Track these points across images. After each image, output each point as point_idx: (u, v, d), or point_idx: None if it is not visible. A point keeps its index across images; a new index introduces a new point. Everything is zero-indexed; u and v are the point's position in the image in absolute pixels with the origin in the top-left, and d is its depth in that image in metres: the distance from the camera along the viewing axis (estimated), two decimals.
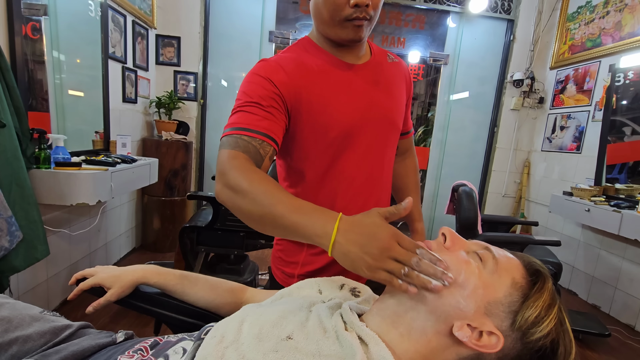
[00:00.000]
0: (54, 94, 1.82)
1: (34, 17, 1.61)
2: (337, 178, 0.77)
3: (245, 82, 0.70)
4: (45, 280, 1.76)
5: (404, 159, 1.02)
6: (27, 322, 0.59)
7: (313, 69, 0.74)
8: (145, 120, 2.85)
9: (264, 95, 0.67)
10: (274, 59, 0.73)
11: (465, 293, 0.47)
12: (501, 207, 3.49)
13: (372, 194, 0.82)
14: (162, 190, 2.72)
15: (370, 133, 0.78)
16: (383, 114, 0.79)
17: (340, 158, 0.76)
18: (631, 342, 2.06)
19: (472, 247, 0.53)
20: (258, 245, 2.00)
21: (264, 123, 0.65)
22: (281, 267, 0.85)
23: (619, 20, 2.53)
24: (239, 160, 0.60)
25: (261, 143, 0.64)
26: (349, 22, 0.69)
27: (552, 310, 0.46)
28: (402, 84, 0.86)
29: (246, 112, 0.66)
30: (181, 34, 2.93)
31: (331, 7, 0.68)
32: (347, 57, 0.78)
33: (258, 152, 0.63)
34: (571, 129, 2.90)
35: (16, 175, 1.35)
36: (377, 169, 0.82)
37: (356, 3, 0.65)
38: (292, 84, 0.70)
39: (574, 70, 2.93)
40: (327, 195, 0.78)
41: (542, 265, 0.51)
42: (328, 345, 0.46)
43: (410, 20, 3.29)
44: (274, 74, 0.69)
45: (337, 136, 0.74)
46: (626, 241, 2.29)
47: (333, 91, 0.74)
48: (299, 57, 0.75)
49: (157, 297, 0.73)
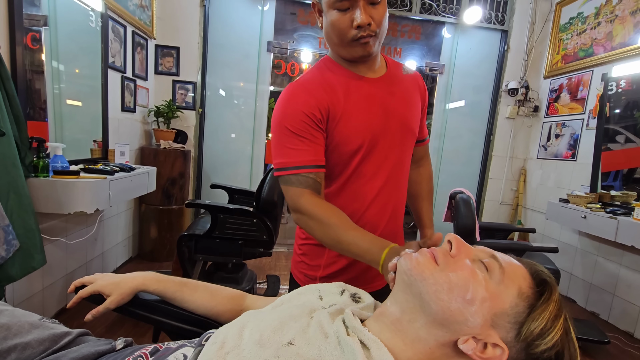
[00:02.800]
0: (52, 104, 1.83)
1: (34, 27, 1.62)
2: (359, 182, 0.84)
3: (285, 116, 0.77)
4: (41, 289, 1.74)
5: (418, 167, 1.05)
6: (26, 330, 0.58)
7: (335, 85, 0.80)
8: (143, 129, 2.86)
9: (304, 128, 0.76)
10: (301, 85, 0.80)
11: (473, 309, 0.46)
12: (498, 215, 3.50)
13: (391, 197, 0.87)
14: (159, 198, 2.71)
15: (389, 140, 0.83)
16: (400, 122, 0.84)
17: (362, 165, 0.82)
18: (631, 350, 2.06)
19: (478, 254, 0.52)
20: (256, 254, 1.99)
21: (311, 156, 0.76)
22: (304, 271, 0.91)
23: (610, 31, 2.59)
24: (305, 197, 0.75)
25: (316, 174, 0.76)
26: (356, 42, 0.75)
27: (558, 321, 0.46)
28: (417, 93, 0.91)
29: (292, 149, 0.76)
30: (180, 44, 2.96)
31: (338, 32, 0.75)
32: (364, 72, 0.83)
33: (316, 182, 0.76)
34: (566, 137, 2.94)
35: (14, 183, 1.34)
36: (394, 173, 0.87)
37: (358, 25, 0.71)
38: (320, 104, 0.77)
39: (567, 80, 2.98)
40: (348, 197, 0.84)
41: (549, 274, 0.51)
42: (329, 350, 0.46)
43: (406, 31, 3.34)
44: (304, 102, 0.76)
45: (358, 146, 0.80)
46: (623, 248, 2.30)
47: (354, 104, 0.80)
48: (322, 76, 0.82)
49: (157, 305, 0.72)
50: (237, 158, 3.30)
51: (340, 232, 0.70)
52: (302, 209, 0.75)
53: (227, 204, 2.02)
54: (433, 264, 0.50)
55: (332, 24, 0.75)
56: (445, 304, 0.46)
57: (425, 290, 0.48)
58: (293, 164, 0.75)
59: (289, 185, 0.77)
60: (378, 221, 0.86)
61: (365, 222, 0.84)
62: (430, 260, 0.51)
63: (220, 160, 3.29)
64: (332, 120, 0.78)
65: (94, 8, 2.06)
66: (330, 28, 0.76)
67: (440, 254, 0.52)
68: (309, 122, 0.75)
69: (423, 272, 0.49)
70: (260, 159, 3.33)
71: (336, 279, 0.79)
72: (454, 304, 0.46)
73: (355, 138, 0.79)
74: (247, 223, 1.89)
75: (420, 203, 1.03)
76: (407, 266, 0.51)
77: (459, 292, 0.46)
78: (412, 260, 0.51)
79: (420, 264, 0.50)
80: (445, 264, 0.50)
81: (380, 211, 0.86)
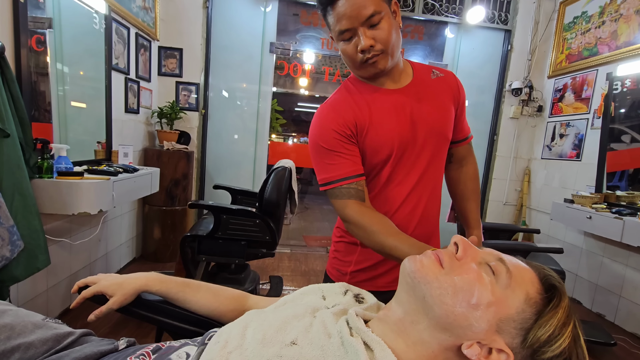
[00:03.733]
0: (57, 105, 1.84)
1: (38, 30, 1.64)
2: (388, 187, 0.88)
3: (319, 136, 0.84)
4: (45, 290, 1.75)
5: (461, 166, 1.04)
6: (30, 330, 0.59)
7: (360, 102, 0.85)
8: (147, 130, 2.87)
9: (339, 144, 0.82)
10: (329, 105, 0.87)
11: (478, 314, 0.45)
12: (502, 215, 3.48)
13: (420, 201, 0.90)
14: (163, 199, 2.72)
15: (418, 147, 0.87)
16: (429, 127, 0.87)
17: (391, 171, 0.87)
18: (637, 352, 2.04)
19: (485, 257, 0.51)
20: (259, 255, 1.99)
21: (350, 167, 0.82)
22: (336, 266, 0.97)
23: (614, 30, 2.57)
24: (350, 207, 0.80)
25: (357, 183, 0.81)
26: (365, 64, 0.80)
27: (567, 328, 0.44)
28: (448, 96, 0.92)
29: (332, 164, 0.82)
30: (183, 46, 2.98)
31: (348, 58, 0.82)
32: (387, 84, 0.87)
33: (358, 190, 0.81)
34: (570, 137, 2.92)
35: (19, 184, 1.35)
36: (424, 178, 0.89)
37: (361, 49, 0.77)
38: (348, 122, 0.83)
39: (571, 79, 2.96)
40: (383, 200, 0.89)
41: (558, 279, 0.49)
42: (333, 350, 0.46)
43: (409, 31, 3.34)
44: (333, 120, 0.83)
45: (388, 155, 0.85)
46: (629, 248, 2.28)
47: (379, 116, 0.84)
48: (348, 95, 0.87)
49: (160, 305, 0.73)
50: (240, 159, 3.31)
51: (383, 237, 0.74)
52: (348, 219, 0.80)
53: (230, 205, 2.02)
54: (438, 267, 0.49)
55: (343, 53, 0.82)
56: (449, 308, 0.46)
57: (429, 293, 0.47)
58: (334, 178, 0.82)
59: (334, 198, 0.83)
60: (406, 224, 0.89)
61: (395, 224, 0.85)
62: (435, 263, 0.50)
63: (223, 161, 3.29)
64: (360, 134, 0.84)
65: (97, 10, 2.07)
66: (343, 56, 0.83)
67: (446, 256, 0.51)
68: (341, 138, 0.82)
69: (427, 275, 0.49)
70: (263, 160, 3.34)
71: (365, 274, 0.91)
72: (458, 308, 0.45)
73: (383, 148, 0.84)
74: (250, 224, 1.89)
75: (464, 203, 1.03)
76: (411, 268, 0.50)
77: (463, 296, 0.46)
78: (417, 262, 0.51)
79: (424, 267, 0.50)
80: (451, 267, 0.49)
81: (409, 215, 0.89)
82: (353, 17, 0.74)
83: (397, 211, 0.88)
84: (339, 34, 0.78)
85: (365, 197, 0.82)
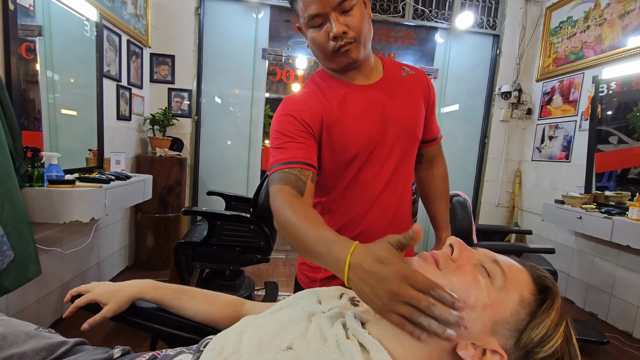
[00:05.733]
0: (47, 113, 1.82)
1: (28, 37, 1.63)
2: (357, 189, 0.83)
3: (276, 122, 0.79)
4: (36, 301, 1.72)
5: (431, 167, 1.03)
6: (22, 339, 0.58)
7: (329, 96, 0.81)
8: (139, 137, 2.85)
9: (294, 130, 0.76)
10: (295, 96, 0.82)
11: (473, 315, 0.46)
12: (495, 217, 3.52)
13: (391, 202, 0.86)
14: (156, 206, 2.70)
15: (388, 146, 0.83)
16: (400, 126, 0.83)
17: (360, 172, 0.82)
18: (630, 349, 2.06)
19: (480, 258, 0.51)
20: (254, 260, 1.98)
21: (298, 152, 0.74)
22: (306, 273, 0.91)
23: (599, 34, 2.63)
24: (282, 194, 0.69)
25: (300, 170, 0.73)
26: (338, 53, 0.75)
27: (559, 329, 0.45)
28: (419, 94, 0.88)
29: (282, 148, 0.75)
30: (175, 53, 2.98)
31: (319, 47, 0.76)
32: (358, 79, 0.83)
33: (299, 179, 0.72)
34: (559, 139, 2.97)
35: (9, 193, 1.33)
36: (395, 179, 0.85)
37: (334, 36, 0.72)
38: (313, 112, 0.78)
39: (559, 82, 3.02)
40: (348, 205, 0.84)
41: (552, 279, 0.50)
42: (329, 353, 0.46)
43: (399, 37, 3.38)
44: (298, 110, 0.77)
45: (355, 154, 0.80)
46: (619, 247, 2.32)
47: (348, 114, 0.80)
48: (317, 88, 0.83)
49: (154, 312, 0.72)
50: (234, 165, 3.30)
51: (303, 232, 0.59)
52: (273, 207, 0.68)
53: (224, 211, 2.01)
54: (435, 269, 0.50)
55: (312, 41, 0.77)
56: None
57: None
58: (278, 162, 0.74)
59: (271, 183, 0.73)
60: (377, 228, 0.85)
61: (364, 228, 0.84)
62: (432, 265, 0.50)
63: (217, 167, 3.28)
64: (325, 129, 0.79)
65: (88, 18, 2.06)
66: (312, 45, 0.78)
67: (442, 258, 0.51)
68: (300, 126, 0.76)
69: None
70: (257, 166, 3.33)
71: (337, 281, 0.77)
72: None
73: (350, 147, 0.79)
74: (245, 230, 1.89)
75: (433, 204, 1.01)
76: None
77: (460, 297, 0.46)
78: (415, 265, 0.51)
79: (421, 268, 0.50)
80: (447, 270, 0.49)
81: (380, 216, 0.85)
82: (324, 1, 0.70)
83: (367, 214, 0.84)
84: (308, 19, 0.73)
85: (305, 192, 0.71)
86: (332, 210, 0.86)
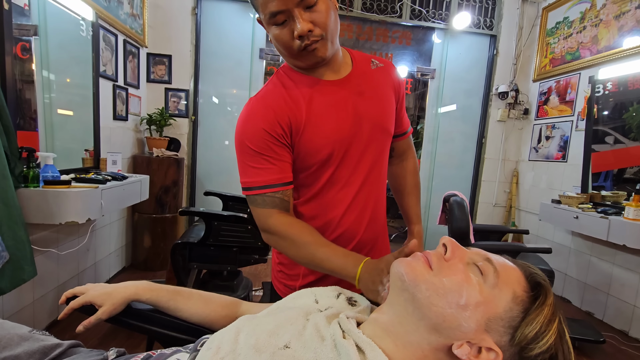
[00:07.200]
0: (43, 113, 1.81)
1: (24, 37, 1.61)
2: (333, 190, 0.80)
3: (245, 133, 0.74)
4: (32, 302, 1.70)
5: (401, 161, 1.01)
6: (16, 342, 0.57)
7: (296, 95, 0.76)
8: (136, 137, 2.84)
9: (265, 146, 0.73)
10: (260, 99, 0.76)
11: (467, 314, 0.46)
12: (492, 217, 3.52)
13: (368, 201, 0.84)
14: (153, 207, 2.69)
15: (362, 144, 0.80)
16: (372, 122, 0.80)
17: (334, 172, 0.79)
18: (626, 348, 2.07)
19: (473, 257, 0.52)
20: (251, 261, 1.97)
21: (276, 174, 0.74)
22: (283, 281, 0.88)
23: (595, 35, 2.64)
24: (274, 218, 0.74)
25: (283, 192, 0.75)
26: (304, 52, 0.70)
27: (552, 325, 0.46)
28: (389, 87, 0.85)
29: (256, 168, 0.74)
30: (172, 52, 2.97)
31: (282, 45, 0.71)
32: (327, 75, 0.78)
33: (283, 200, 0.75)
34: (556, 139, 2.98)
35: (4, 194, 1.32)
36: (370, 177, 0.83)
37: (299, 35, 0.67)
38: (280, 118, 0.73)
39: (555, 82, 3.03)
40: (323, 206, 0.81)
41: (543, 276, 0.51)
42: (325, 353, 0.46)
43: (396, 37, 3.38)
44: (263, 118, 0.73)
45: (330, 154, 0.77)
46: (615, 247, 2.33)
47: (318, 113, 0.76)
48: (283, 87, 0.77)
49: (150, 314, 0.71)
50: (231, 165, 3.29)
51: (313, 249, 0.70)
52: (272, 230, 0.74)
53: (221, 211, 2.01)
54: (427, 269, 0.50)
55: (275, 39, 0.71)
56: (439, 310, 0.47)
57: (419, 295, 0.48)
58: (258, 184, 0.74)
59: (256, 206, 0.76)
60: (356, 228, 0.82)
61: (343, 229, 0.82)
62: (425, 265, 0.51)
63: (214, 167, 3.27)
64: (295, 133, 0.75)
65: (84, 17, 2.05)
66: (275, 43, 0.72)
67: (435, 258, 0.51)
68: (270, 139, 0.73)
69: (417, 278, 0.49)
70: None
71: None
72: (447, 309, 0.46)
73: (323, 148, 0.76)
74: (242, 230, 1.88)
75: (405, 198, 1.00)
76: (401, 271, 0.51)
77: (452, 297, 0.47)
78: (406, 265, 0.51)
79: (414, 269, 0.50)
80: (439, 269, 0.50)
81: (358, 217, 0.82)
82: None
83: (343, 216, 0.81)
84: (270, 17, 0.67)
85: (289, 208, 0.76)
86: (307, 212, 0.83)
